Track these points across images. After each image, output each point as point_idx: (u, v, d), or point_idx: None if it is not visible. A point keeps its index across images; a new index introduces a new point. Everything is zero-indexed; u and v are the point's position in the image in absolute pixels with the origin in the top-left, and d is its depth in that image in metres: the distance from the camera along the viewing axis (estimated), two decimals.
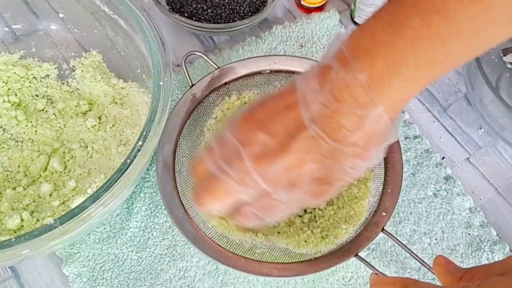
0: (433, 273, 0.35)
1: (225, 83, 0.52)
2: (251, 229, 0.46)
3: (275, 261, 0.44)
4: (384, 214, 0.45)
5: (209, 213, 0.41)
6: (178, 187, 0.46)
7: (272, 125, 0.35)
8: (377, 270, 0.43)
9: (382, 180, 0.47)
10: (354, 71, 0.32)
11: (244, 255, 0.43)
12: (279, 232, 0.47)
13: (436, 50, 0.31)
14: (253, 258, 0.43)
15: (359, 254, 0.43)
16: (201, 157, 0.39)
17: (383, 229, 0.44)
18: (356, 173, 0.36)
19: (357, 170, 0.36)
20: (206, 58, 0.52)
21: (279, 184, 0.36)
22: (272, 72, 0.52)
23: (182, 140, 0.49)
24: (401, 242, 0.45)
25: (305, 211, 0.48)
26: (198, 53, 0.53)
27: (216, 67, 0.52)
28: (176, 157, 0.48)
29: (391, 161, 0.48)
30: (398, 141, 0.49)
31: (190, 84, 0.51)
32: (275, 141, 0.35)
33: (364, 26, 0.33)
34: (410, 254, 0.44)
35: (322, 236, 0.46)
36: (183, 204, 0.45)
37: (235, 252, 0.43)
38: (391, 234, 0.45)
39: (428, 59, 0.31)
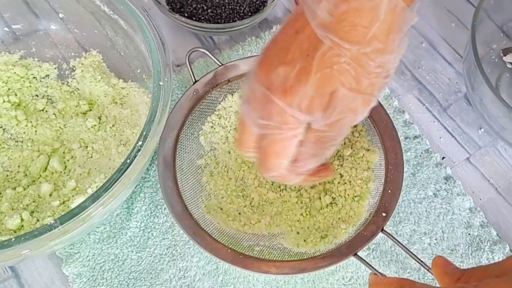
0: (432, 273, 0.35)
1: (228, 80, 0.52)
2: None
3: (274, 259, 0.44)
4: (384, 214, 0.45)
5: (280, 177, 0.40)
6: (179, 182, 0.46)
7: (289, 54, 0.34)
8: (376, 270, 0.43)
9: (383, 181, 0.47)
10: None
11: (243, 252, 0.43)
12: (275, 232, 0.47)
13: None
14: (252, 255, 0.43)
15: (358, 254, 0.43)
16: (241, 127, 0.39)
17: (382, 230, 0.44)
18: (387, 70, 0.34)
19: (386, 67, 0.34)
20: (209, 54, 0.52)
21: (316, 109, 0.34)
22: None
23: (183, 135, 0.49)
24: (400, 243, 0.45)
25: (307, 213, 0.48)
26: (201, 50, 0.53)
27: (220, 64, 0.52)
28: (177, 152, 0.48)
29: (392, 162, 0.48)
30: (400, 143, 0.49)
31: (193, 80, 0.51)
32: (295, 69, 0.33)
33: None
34: (409, 255, 0.44)
35: (322, 236, 0.46)
36: (183, 199, 0.46)
37: (234, 248, 0.44)
38: (390, 235, 0.45)
39: None
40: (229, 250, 0.43)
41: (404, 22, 0.33)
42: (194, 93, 0.51)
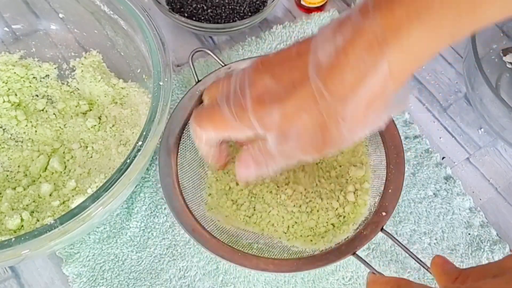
0: (430, 273, 0.35)
1: None
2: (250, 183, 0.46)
3: (273, 257, 0.44)
4: (384, 214, 0.45)
5: (200, 139, 0.41)
6: (179, 179, 0.46)
7: (280, 70, 0.35)
8: (374, 269, 0.43)
9: (384, 180, 0.47)
10: (370, 19, 0.30)
11: (242, 250, 0.43)
12: (276, 230, 0.47)
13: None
14: (250, 253, 0.43)
15: (357, 253, 0.43)
16: (216, 82, 0.40)
17: (382, 229, 0.44)
18: (351, 138, 0.35)
19: (353, 135, 0.34)
20: (212, 55, 0.52)
21: (272, 131, 0.35)
22: None
23: (185, 134, 0.49)
24: (400, 242, 0.45)
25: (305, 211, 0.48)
26: (204, 50, 0.53)
27: (223, 65, 0.52)
28: (178, 150, 0.48)
29: (393, 162, 0.48)
30: (402, 142, 0.49)
31: (196, 80, 0.51)
32: (278, 87, 0.34)
33: None
34: (409, 254, 0.44)
35: (321, 235, 0.46)
36: (183, 197, 0.46)
37: (233, 246, 0.44)
38: (390, 234, 0.45)
39: (455, 8, 0.29)
40: (228, 248, 0.43)
41: (388, 104, 0.33)
42: (197, 93, 0.51)
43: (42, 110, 0.53)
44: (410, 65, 0.32)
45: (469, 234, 0.50)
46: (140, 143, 0.41)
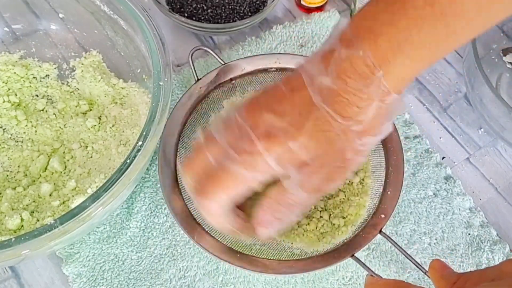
0: (429, 277, 0.35)
1: (231, 79, 0.52)
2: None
3: (271, 259, 0.44)
4: (383, 216, 0.45)
5: (213, 212, 0.36)
6: (179, 179, 0.47)
7: (280, 106, 0.34)
8: (373, 272, 0.43)
9: (383, 182, 0.47)
10: (357, 49, 0.32)
11: (241, 251, 0.43)
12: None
13: (439, 30, 0.31)
14: (249, 254, 0.43)
15: (355, 255, 0.43)
16: (197, 151, 0.36)
17: (380, 231, 0.44)
18: (367, 150, 0.35)
19: (368, 147, 0.35)
20: (212, 53, 0.52)
21: (293, 167, 0.33)
22: (278, 70, 0.52)
23: (185, 133, 0.50)
24: (398, 245, 0.45)
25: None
26: (204, 48, 0.53)
27: (223, 63, 0.52)
28: (178, 149, 0.48)
29: (393, 163, 0.48)
30: (401, 144, 0.49)
31: (196, 79, 0.51)
32: (284, 123, 0.33)
33: (365, 8, 0.33)
34: (407, 257, 0.44)
35: (320, 236, 0.46)
36: (182, 197, 0.46)
37: (232, 247, 0.44)
38: (388, 237, 0.45)
39: (431, 38, 0.31)
40: (227, 249, 0.43)
41: (393, 111, 0.34)
42: (197, 91, 0.51)
43: (42, 110, 0.53)
44: (400, 83, 0.33)
45: (469, 234, 0.50)
46: (140, 143, 0.41)
